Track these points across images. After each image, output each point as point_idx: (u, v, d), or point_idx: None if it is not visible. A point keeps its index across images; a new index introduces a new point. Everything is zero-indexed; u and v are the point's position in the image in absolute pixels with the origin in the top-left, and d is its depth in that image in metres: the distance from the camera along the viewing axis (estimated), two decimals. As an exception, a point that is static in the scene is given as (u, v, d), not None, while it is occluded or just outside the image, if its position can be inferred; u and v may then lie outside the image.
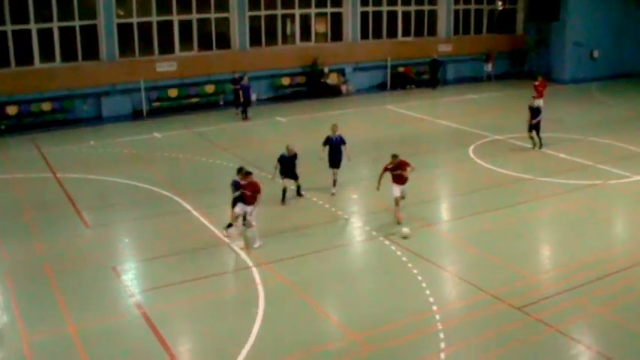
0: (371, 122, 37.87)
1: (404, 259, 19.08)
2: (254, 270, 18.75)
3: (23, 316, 16.64)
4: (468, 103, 42.92)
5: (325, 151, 24.90)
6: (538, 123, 30.16)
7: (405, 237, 20.36)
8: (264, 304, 16.85)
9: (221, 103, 43.08)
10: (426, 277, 17.96)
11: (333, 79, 46.34)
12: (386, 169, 21.81)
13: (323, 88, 45.58)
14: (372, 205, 23.82)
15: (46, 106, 39.32)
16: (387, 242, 20.33)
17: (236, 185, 20.24)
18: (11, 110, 38.27)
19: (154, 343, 15.15)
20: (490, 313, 16.25)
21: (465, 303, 16.77)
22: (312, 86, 45.75)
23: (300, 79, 46.30)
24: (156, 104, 41.99)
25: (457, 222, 22.50)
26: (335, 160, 24.84)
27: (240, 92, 39.07)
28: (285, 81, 46.02)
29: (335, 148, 24.71)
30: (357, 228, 21.95)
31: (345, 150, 24.78)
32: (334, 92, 45.93)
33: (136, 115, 41.05)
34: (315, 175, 25.85)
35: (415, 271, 18.30)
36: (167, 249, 20.31)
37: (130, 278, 18.61)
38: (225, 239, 20.57)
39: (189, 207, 23.85)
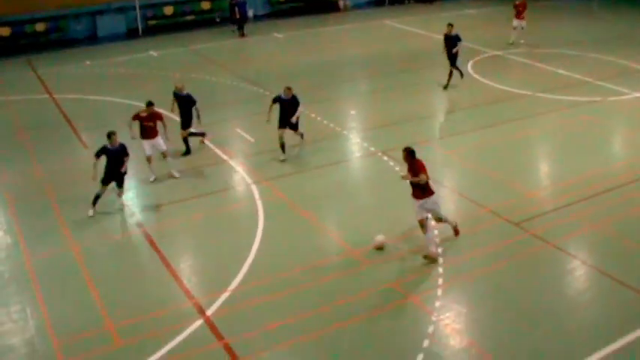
0: (368, 38, 37.47)
1: (402, 174, 19.07)
2: (253, 187, 18.85)
3: (25, 237, 16.83)
4: (466, 18, 42.30)
5: (272, 111, 20.95)
6: (457, 53, 27.01)
7: (379, 248, 15.46)
8: (263, 220, 17.00)
9: (217, 20, 42.58)
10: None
11: (330, -5, 45.73)
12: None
13: (320, 3, 44.95)
14: (371, 120, 23.77)
15: (40, 27, 38.94)
16: (385, 158, 20.35)
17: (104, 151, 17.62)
18: (4, 32, 37.86)
19: (155, 261, 15.35)
20: (488, 228, 16.41)
21: (464, 218, 16.84)
22: (309, 2, 45.10)
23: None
24: (151, 22, 41.51)
25: (455, 138, 22.45)
26: (286, 121, 20.74)
27: (236, 8, 38.61)
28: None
29: (289, 108, 20.60)
30: (355, 144, 21.93)
31: (301, 108, 20.83)
32: (331, 8, 45.33)
33: (131, 33, 40.63)
34: (315, 88, 25.72)
35: (413, 187, 18.35)
36: (165, 168, 20.34)
37: (130, 197, 18.70)
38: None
39: (187, 126, 23.76)
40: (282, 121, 20.69)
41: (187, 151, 21.59)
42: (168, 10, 42.03)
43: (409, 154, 14.80)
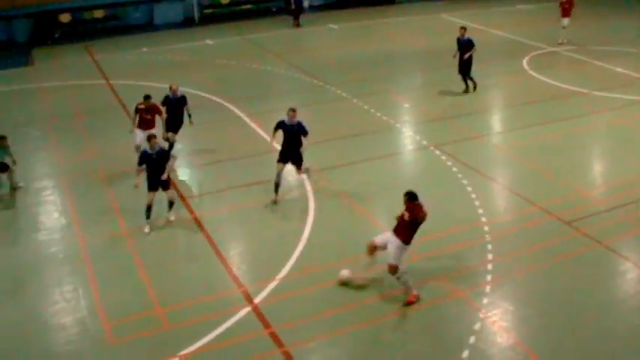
0: (424, 31, 37.26)
1: (454, 169, 19.04)
2: (304, 175, 18.91)
3: (80, 219, 17.17)
4: (524, 13, 41.88)
5: (276, 138, 18.06)
6: (470, 60, 25.44)
7: (344, 284, 14.05)
8: (314, 210, 17.06)
9: (273, 9, 42.71)
10: (475, 188, 17.94)
11: (387, -14, 45.49)
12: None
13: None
14: (424, 114, 23.67)
15: (99, 14, 39.52)
16: (437, 152, 20.26)
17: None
18: (64, 18, 38.53)
19: (205, 247, 15.51)
20: (539, 226, 16.23)
21: (514, 215, 16.76)
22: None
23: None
24: (208, 11, 41.82)
25: (509, 134, 22.26)
26: (288, 154, 17.56)
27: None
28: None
29: (291, 137, 17.48)
30: (407, 137, 21.87)
31: (305, 142, 17.52)
32: (388, 0, 45.11)
33: (187, 22, 41.02)
34: (369, 80, 25.70)
35: (465, 182, 18.27)
36: (217, 155, 20.55)
37: (185, 183, 18.92)
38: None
39: (240, 114, 23.98)
40: (283, 153, 17.54)
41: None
42: (225, -1, 42.35)
43: (409, 199, 13.43)
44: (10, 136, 18.79)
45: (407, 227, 13.21)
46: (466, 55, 25.06)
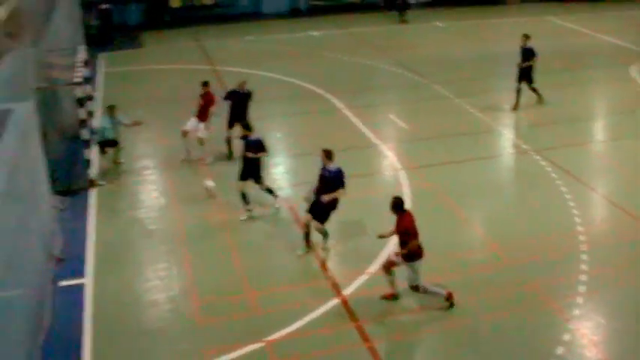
0: (531, 33, 36.22)
1: (554, 175, 18.67)
2: (402, 173, 18.90)
3: (179, 200, 17.69)
4: (635, 19, 40.50)
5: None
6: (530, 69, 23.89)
7: (210, 193, 17.00)
8: (409, 206, 16.96)
9: (380, 4, 42.66)
10: (574, 195, 17.54)
11: (497, -14, 44.82)
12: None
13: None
14: (525, 118, 23.27)
15: (208, 0, 40.21)
16: (537, 157, 19.90)
17: None
18: (175, 3, 39.44)
19: (299, 237, 15.61)
20: (637, 239, 15.76)
21: (613, 226, 16.33)
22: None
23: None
24: (314, 2, 42.07)
25: (613, 142, 21.65)
26: (315, 203, 14.91)
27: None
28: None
29: (325, 184, 14.91)
30: (507, 140, 21.56)
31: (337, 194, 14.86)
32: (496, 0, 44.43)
33: (294, 12, 41.38)
34: (471, 80, 25.43)
35: (564, 189, 17.89)
36: (317, 146, 20.65)
37: (280, 172, 19.17)
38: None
39: (341, 106, 24.11)
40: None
41: (230, 155, 19.96)
42: (333, -8, 42.53)
43: (394, 206, 12.90)
44: (120, 113, 19.41)
45: (401, 241, 12.83)
46: (525, 64, 23.61)
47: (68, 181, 18.68)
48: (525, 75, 23.69)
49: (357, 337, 12.39)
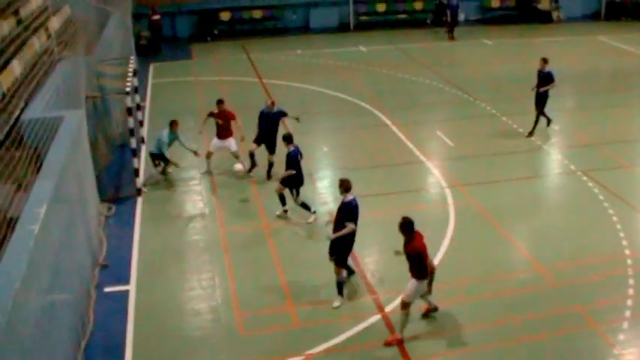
0: (580, 53, 36.09)
1: (601, 197, 18.41)
2: (447, 191, 18.80)
3: (223, 209, 17.86)
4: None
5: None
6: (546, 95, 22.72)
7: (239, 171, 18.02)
8: (453, 225, 16.92)
9: (428, 21, 42.62)
10: (622, 219, 17.26)
11: (544, 5, 44.36)
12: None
13: (533, 13, 43.88)
14: (573, 138, 23.00)
15: (257, 14, 40.69)
16: (584, 178, 19.64)
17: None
18: (224, 16, 39.88)
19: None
20: (687, 264, 15.45)
21: (661, 252, 16.07)
22: (522, 11, 44.14)
23: (511, 2, 44.71)
24: (363, 18, 42.18)
25: (663, 166, 21.31)
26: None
27: (448, 11, 38.52)
28: (495, 3, 44.70)
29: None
30: (555, 160, 21.31)
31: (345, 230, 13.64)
32: (544, 18, 44.09)
33: (342, 27, 41.50)
34: (518, 99, 25.25)
35: (611, 212, 17.63)
36: (363, 161, 20.73)
37: (326, 186, 19.22)
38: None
39: (388, 121, 24.10)
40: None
41: (252, 166, 19.87)
42: (381, 7, 42.50)
43: (402, 227, 12.62)
44: (168, 124, 19.57)
45: (411, 262, 12.52)
46: (542, 89, 22.51)
47: (116, 188, 18.96)
48: (541, 100, 22.70)
49: (396, 354, 12.33)
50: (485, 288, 14.27)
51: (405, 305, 12.53)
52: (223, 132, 19.71)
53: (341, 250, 13.66)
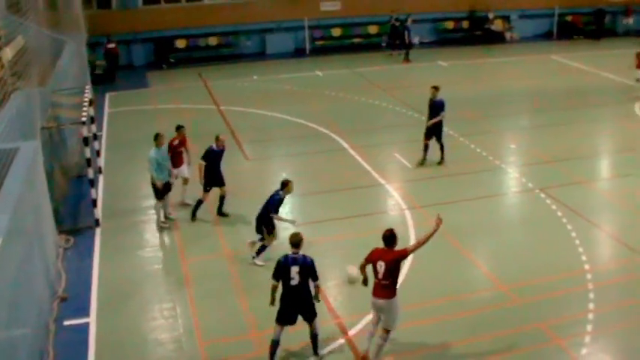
0: (533, 72, 36.65)
1: (559, 213, 18.63)
2: (407, 212, 18.87)
3: (183, 238, 17.75)
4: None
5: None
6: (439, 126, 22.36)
7: (351, 282, 15.25)
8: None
9: (383, 44, 42.95)
10: (580, 234, 17.48)
11: (497, 26, 45.11)
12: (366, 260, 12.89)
13: (487, 34, 44.51)
14: (530, 156, 23.27)
15: (213, 40, 40.79)
16: (542, 195, 19.87)
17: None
18: (180, 43, 39.92)
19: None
20: (644, 278, 15.67)
21: (619, 265, 16.25)
22: (476, 32, 44.75)
23: (465, 24, 45.35)
24: (319, 43, 42.43)
25: (617, 180, 21.59)
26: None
27: (406, 34, 38.83)
28: (449, 25, 45.27)
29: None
30: (513, 179, 21.53)
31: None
32: (498, 39, 44.75)
33: (298, 52, 41.71)
34: (476, 119, 25.49)
35: (569, 227, 17.85)
36: (323, 185, 20.74)
37: (285, 212, 19.12)
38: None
39: (346, 145, 24.18)
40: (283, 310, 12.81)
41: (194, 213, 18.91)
42: (336, 32, 42.83)
43: (392, 238, 12.63)
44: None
45: (393, 275, 12.43)
46: (432, 122, 22.14)
47: (74, 220, 18.74)
48: (435, 131, 22.34)
49: (363, 377, 12.31)
50: (449, 308, 14.31)
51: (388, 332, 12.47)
52: (180, 159, 19.42)
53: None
